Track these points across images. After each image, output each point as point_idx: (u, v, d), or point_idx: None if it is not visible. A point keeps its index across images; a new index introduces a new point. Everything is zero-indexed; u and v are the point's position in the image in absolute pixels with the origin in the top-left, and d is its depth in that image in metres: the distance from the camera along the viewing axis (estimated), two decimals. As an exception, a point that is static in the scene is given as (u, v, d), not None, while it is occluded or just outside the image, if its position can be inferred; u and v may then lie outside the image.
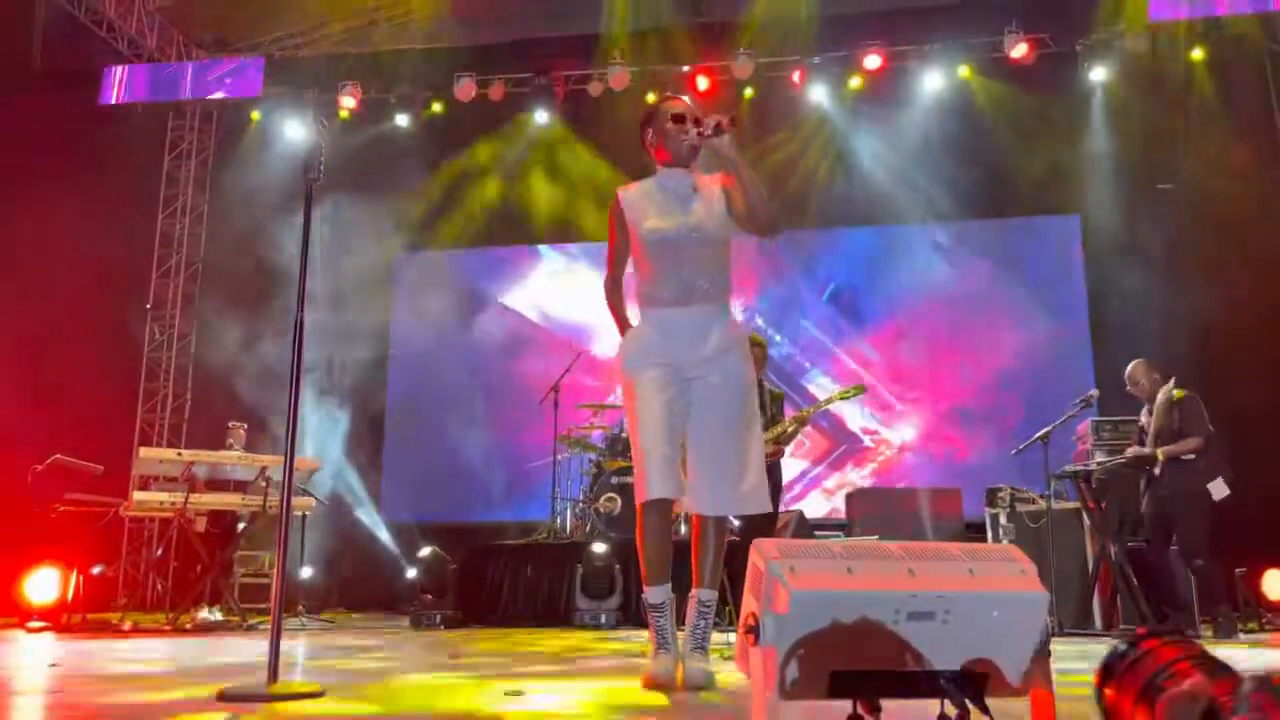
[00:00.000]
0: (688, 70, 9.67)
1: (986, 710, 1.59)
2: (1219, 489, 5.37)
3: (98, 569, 7.29)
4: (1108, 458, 5.98)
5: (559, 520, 8.08)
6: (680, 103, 3.09)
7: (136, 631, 5.97)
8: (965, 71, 9.38)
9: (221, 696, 2.49)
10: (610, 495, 7.27)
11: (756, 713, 1.55)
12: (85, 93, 9.84)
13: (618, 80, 9.52)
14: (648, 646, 2.92)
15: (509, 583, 7.02)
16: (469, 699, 2.59)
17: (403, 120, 10.14)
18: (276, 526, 2.85)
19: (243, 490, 6.42)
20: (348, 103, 9.94)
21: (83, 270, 8.60)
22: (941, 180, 9.13)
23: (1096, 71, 9.19)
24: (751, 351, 3.14)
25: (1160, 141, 8.71)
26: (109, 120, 9.89)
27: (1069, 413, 6.01)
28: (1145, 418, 5.75)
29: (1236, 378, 7.30)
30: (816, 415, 7.77)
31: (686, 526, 4.80)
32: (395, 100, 10.11)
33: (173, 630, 6.02)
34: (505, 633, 6.01)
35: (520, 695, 2.60)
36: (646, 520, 2.88)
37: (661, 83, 9.45)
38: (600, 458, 7.72)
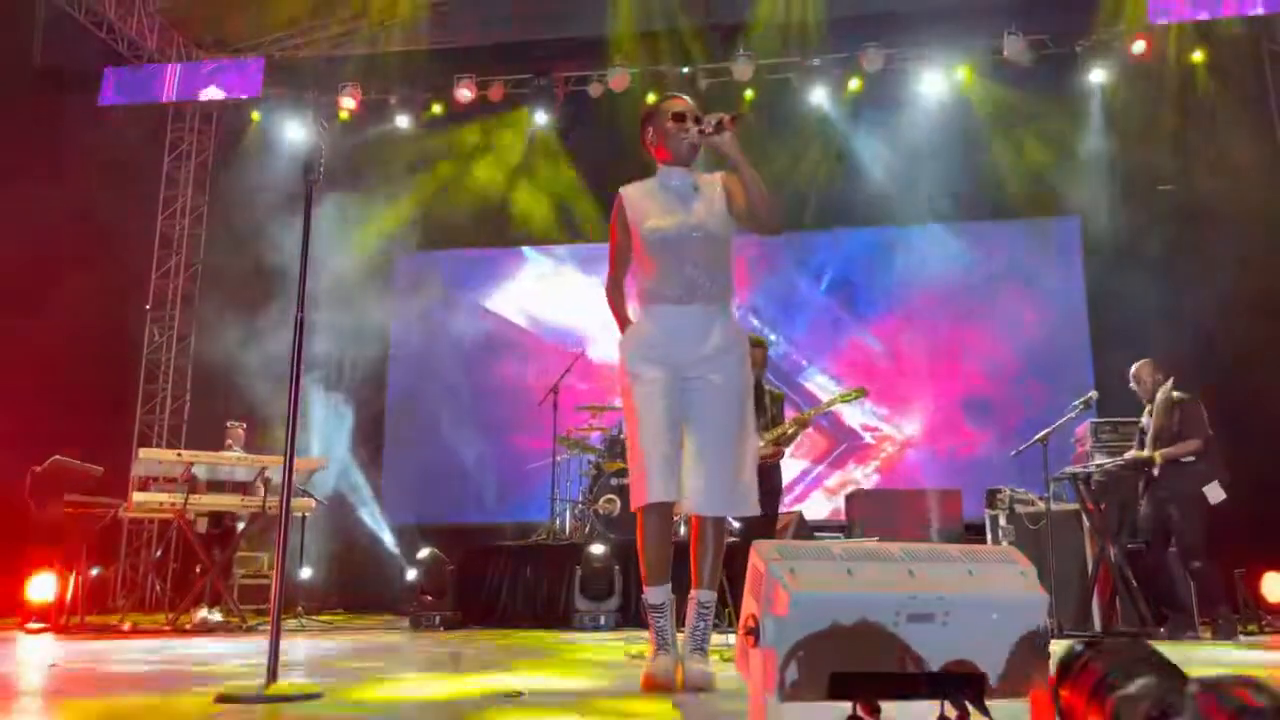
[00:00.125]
0: (688, 72, 9.66)
1: (986, 711, 1.59)
2: (1215, 493, 5.38)
3: (95, 571, 7.29)
4: (1107, 459, 5.97)
5: (558, 521, 8.09)
6: (681, 101, 3.09)
7: (136, 632, 5.98)
8: (965, 73, 9.38)
9: (220, 698, 2.49)
10: (609, 497, 7.28)
11: (756, 714, 1.55)
12: (85, 93, 9.82)
13: (618, 82, 9.52)
14: (647, 647, 2.92)
15: (508, 584, 7.02)
16: (468, 700, 2.58)
17: (403, 121, 10.14)
18: (276, 527, 2.85)
19: (242, 491, 6.42)
20: (348, 104, 9.94)
21: (82, 271, 8.59)
22: (941, 181, 9.13)
23: (1096, 73, 9.19)
24: (752, 352, 3.14)
25: (1160, 142, 8.70)
26: (109, 121, 9.88)
27: (1068, 415, 6.01)
28: (1146, 419, 5.75)
29: (1236, 378, 7.30)
30: (816, 416, 7.77)
31: (686, 528, 4.80)
32: (395, 101, 10.11)
33: (172, 631, 6.03)
34: (505, 634, 6.01)
35: (519, 696, 2.60)
36: (647, 522, 2.88)
37: (661, 84, 9.45)
38: (599, 459, 7.73)
